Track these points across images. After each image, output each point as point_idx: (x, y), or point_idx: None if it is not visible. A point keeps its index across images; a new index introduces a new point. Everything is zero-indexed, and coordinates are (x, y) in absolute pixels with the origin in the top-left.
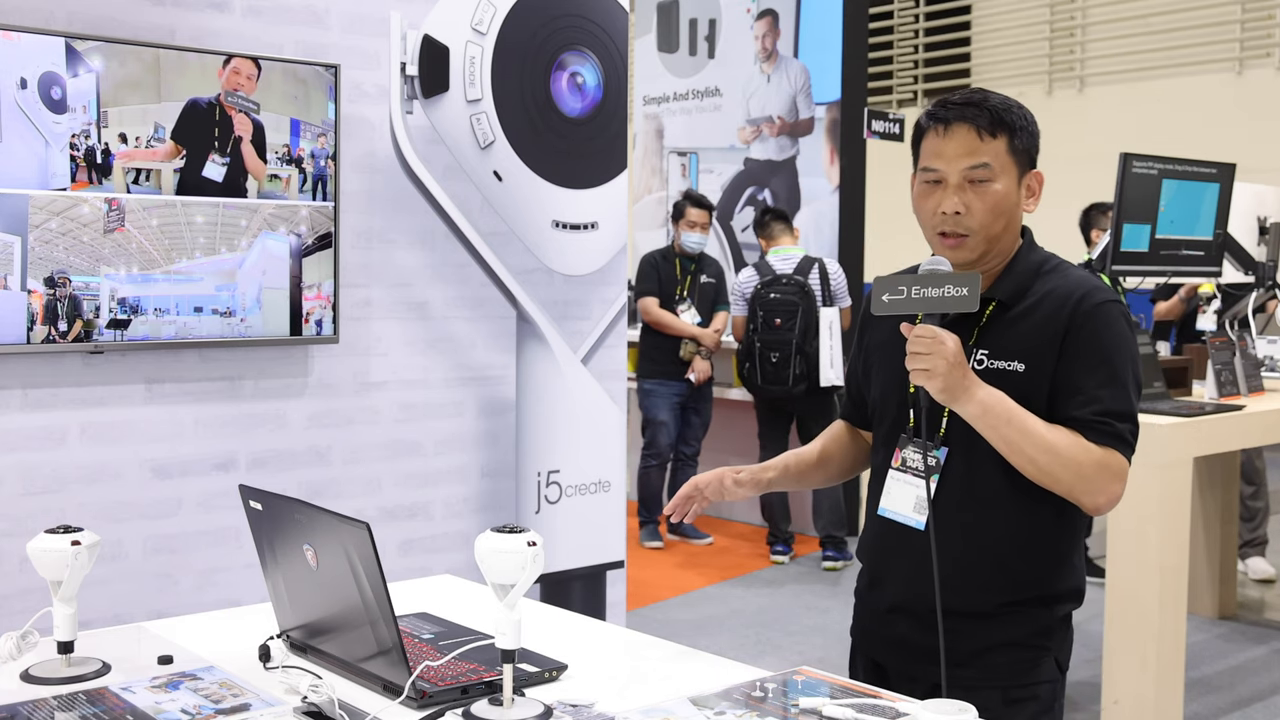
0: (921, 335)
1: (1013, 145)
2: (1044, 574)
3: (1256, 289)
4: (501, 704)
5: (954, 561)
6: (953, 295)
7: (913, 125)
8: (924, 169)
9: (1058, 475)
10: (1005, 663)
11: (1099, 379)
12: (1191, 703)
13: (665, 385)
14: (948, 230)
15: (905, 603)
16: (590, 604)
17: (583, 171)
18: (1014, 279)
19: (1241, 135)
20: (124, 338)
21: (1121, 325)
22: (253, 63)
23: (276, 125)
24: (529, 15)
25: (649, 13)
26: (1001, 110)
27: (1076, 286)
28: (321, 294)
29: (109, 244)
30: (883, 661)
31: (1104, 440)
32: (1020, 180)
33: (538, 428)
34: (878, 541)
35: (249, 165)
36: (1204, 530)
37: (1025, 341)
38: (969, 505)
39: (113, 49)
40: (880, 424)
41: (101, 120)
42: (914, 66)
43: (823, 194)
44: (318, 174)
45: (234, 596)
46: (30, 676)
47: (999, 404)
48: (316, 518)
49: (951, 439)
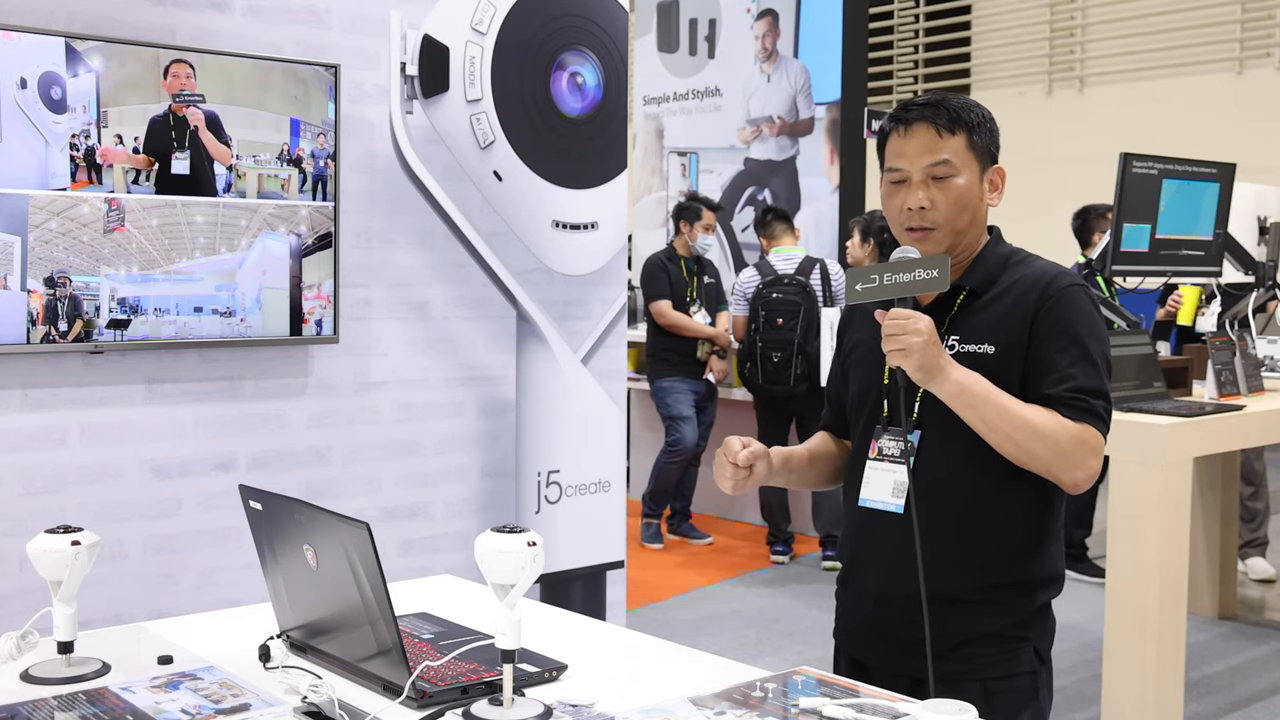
0: (895, 318)
1: (971, 141)
2: (1020, 558)
3: (1256, 289)
4: (501, 704)
5: (930, 545)
6: (924, 278)
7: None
8: (889, 169)
9: (1036, 452)
10: (985, 654)
11: (1070, 357)
12: (1191, 703)
13: (684, 382)
14: (914, 225)
15: (885, 591)
16: (590, 604)
17: (583, 171)
18: (983, 268)
19: (1241, 135)
20: (124, 338)
21: (1089, 307)
22: (186, 65)
23: (276, 125)
24: (529, 15)
25: (649, 13)
26: (959, 109)
27: (1044, 272)
28: (322, 294)
29: (109, 244)
30: (865, 659)
31: (1079, 416)
32: (982, 175)
33: (538, 428)
34: (857, 534)
35: (212, 152)
36: (1204, 530)
37: (995, 325)
38: (942, 487)
39: (112, 49)
40: (857, 421)
41: (101, 120)
42: (914, 66)
43: (823, 194)
44: (317, 174)
45: (234, 596)
46: (30, 676)
47: (975, 383)
48: (316, 518)
49: (925, 422)
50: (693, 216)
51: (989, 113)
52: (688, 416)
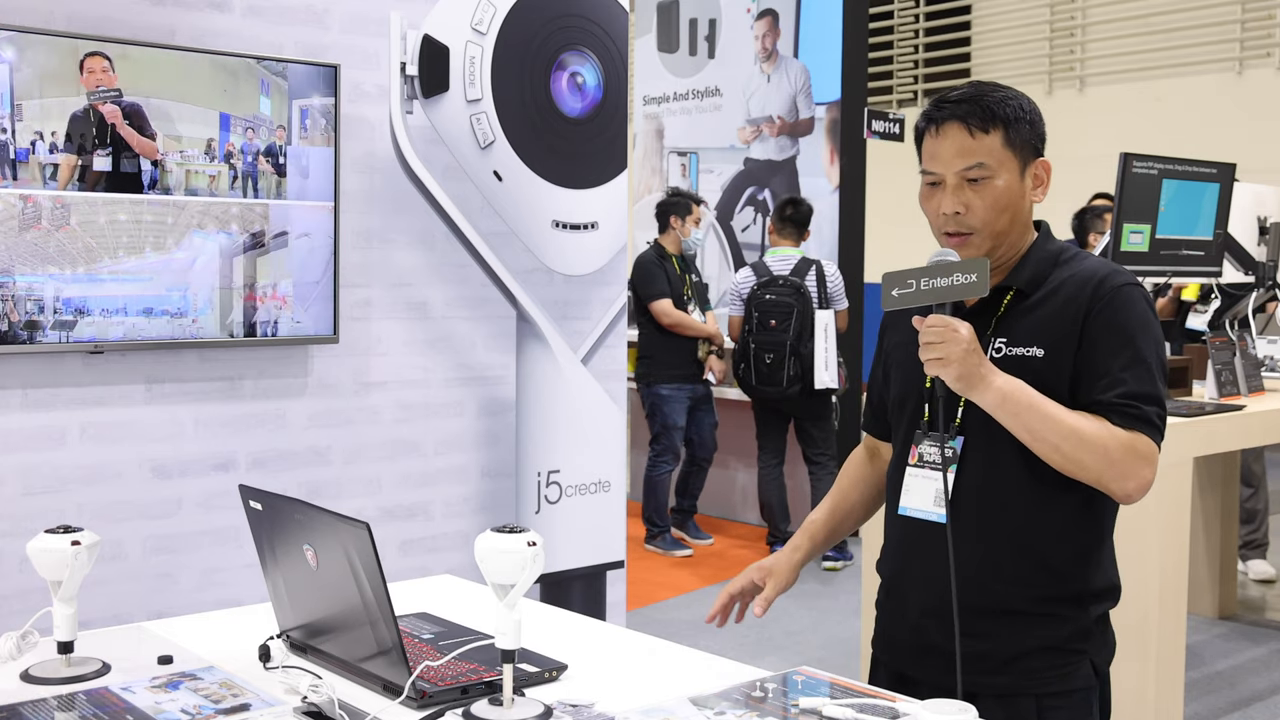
0: (933, 325)
1: (1008, 138)
2: (1073, 569)
3: (1256, 289)
4: (501, 704)
5: (977, 556)
6: (962, 283)
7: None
8: (923, 171)
9: (1084, 462)
10: (1040, 667)
11: (1122, 361)
12: (1191, 703)
13: (681, 389)
14: (951, 230)
15: (931, 606)
16: (590, 604)
17: (583, 171)
18: (1031, 267)
19: (1241, 135)
20: (69, 338)
21: (1143, 307)
22: (103, 57)
23: (205, 119)
24: (529, 15)
25: (649, 13)
26: (994, 104)
27: (1096, 270)
28: (277, 294)
29: (26, 243)
30: (912, 674)
31: (1130, 424)
32: (1023, 171)
33: (538, 428)
34: (898, 544)
35: (136, 146)
36: (1204, 530)
37: (1045, 327)
38: (988, 497)
39: (26, 39)
40: (898, 425)
41: (15, 114)
42: (914, 66)
43: (823, 194)
44: (247, 169)
45: (234, 596)
46: (30, 676)
47: (1018, 391)
48: (316, 518)
49: (968, 429)
50: (684, 211)
51: (1030, 103)
52: (681, 426)
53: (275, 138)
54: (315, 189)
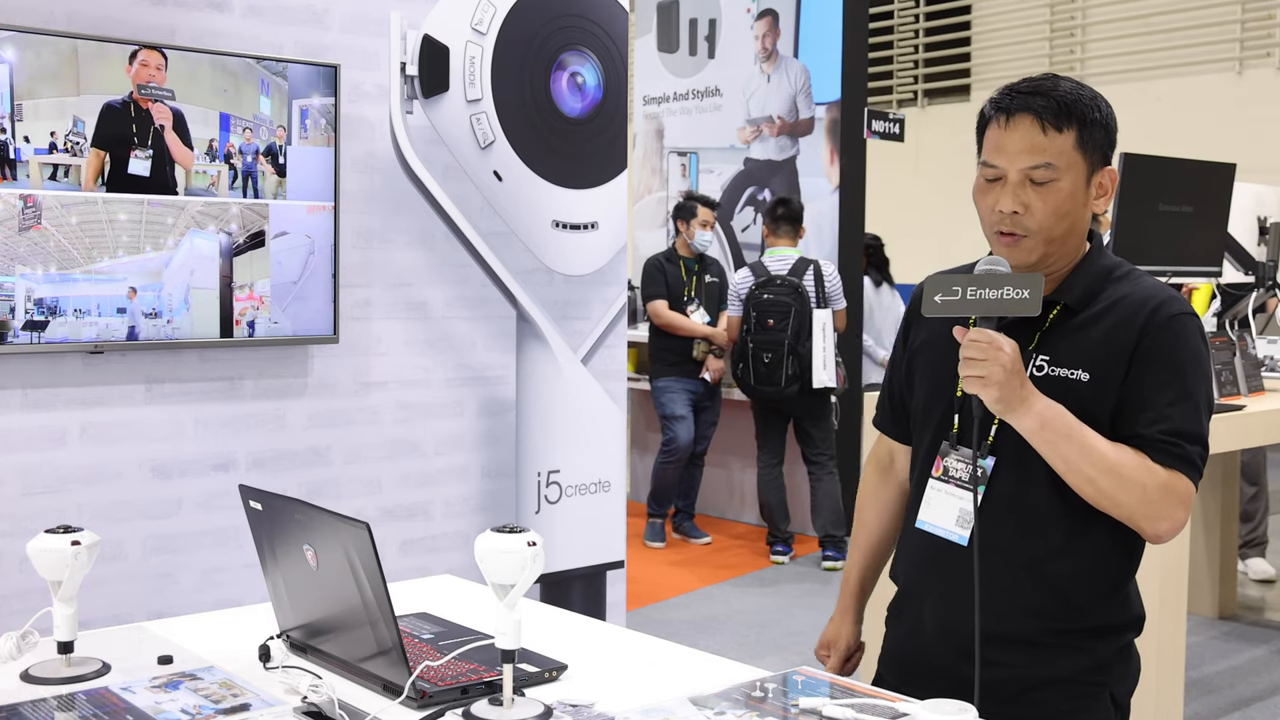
0: (977, 340)
1: (1081, 140)
2: (1097, 603)
3: (1256, 289)
4: (501, 704)
5: (998, 583)
6: (1012, 298)
7: (978, 112)
8: (984, 164)
9: (1119, 498)
10: (1056, 700)
11: (1170, 396)
12: (1191, 703)
13: (679, 382)
14: (1006, 229)
15: (946, 628)
16: (590, 604)
17: (583, 171)
18: (1082, 282)
19: (1241, 135)
20: (41, 339)
21: (1197, 340)
22: (159, 53)
23: (205, 119)
24: (529, 15)
25: (649, 13)
26: (1071, 102)
27: (1151, 295)
28: (254, 294)
29: (25, 242)
30: (917, 696)
31: (1171, 462)
32: (1089, 178)
33: (538, 428)
34: (918, 561)
35: (175, 155)
36: (1204, 530)
37: (1092, 350)
38: (1016, 522)
39: (26, 39)
40: (923, 432)
41: (16, 114)
42: (914, 66)
43: (823, 194)
44: (246, 170)
45: (234, 596)
46: (30, 676)
47: (1058, 418)
48: (316, 518)
49: (1000, 449)
50: (688, 215)
51: (1107, 106)
52: (682, 416)
53: (275, 138)
54: (315, 189)
